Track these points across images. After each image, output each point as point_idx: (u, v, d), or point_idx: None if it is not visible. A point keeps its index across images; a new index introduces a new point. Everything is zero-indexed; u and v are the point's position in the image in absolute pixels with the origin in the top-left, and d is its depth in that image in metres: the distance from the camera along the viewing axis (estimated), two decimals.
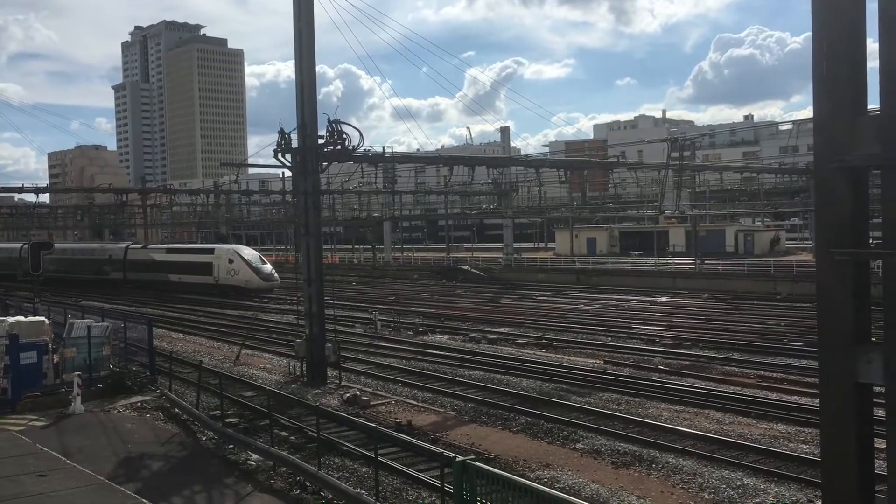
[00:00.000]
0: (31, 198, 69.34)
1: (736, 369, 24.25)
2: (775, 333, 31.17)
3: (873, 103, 7.15)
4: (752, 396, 20.21)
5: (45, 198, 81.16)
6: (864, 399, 7.14)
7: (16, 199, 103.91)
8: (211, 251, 55.83)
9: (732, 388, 21.41)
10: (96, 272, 63.03)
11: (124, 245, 64.18)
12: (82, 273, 63.69)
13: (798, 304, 39.42)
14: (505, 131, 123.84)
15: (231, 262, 51.97)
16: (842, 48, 7.01)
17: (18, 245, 68.69)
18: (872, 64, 7.25)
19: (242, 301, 48.70)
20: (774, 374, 23.23)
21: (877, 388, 7.25)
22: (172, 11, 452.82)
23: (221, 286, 52.58)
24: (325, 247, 29.90)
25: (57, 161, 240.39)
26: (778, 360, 25.51)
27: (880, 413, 7.28)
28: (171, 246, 63.78)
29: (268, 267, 53.36)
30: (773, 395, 20.39)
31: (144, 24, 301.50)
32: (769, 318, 35.76)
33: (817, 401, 8.04)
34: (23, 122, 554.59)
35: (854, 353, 7.02)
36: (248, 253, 54.43)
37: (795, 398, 19.88)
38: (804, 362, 24.45)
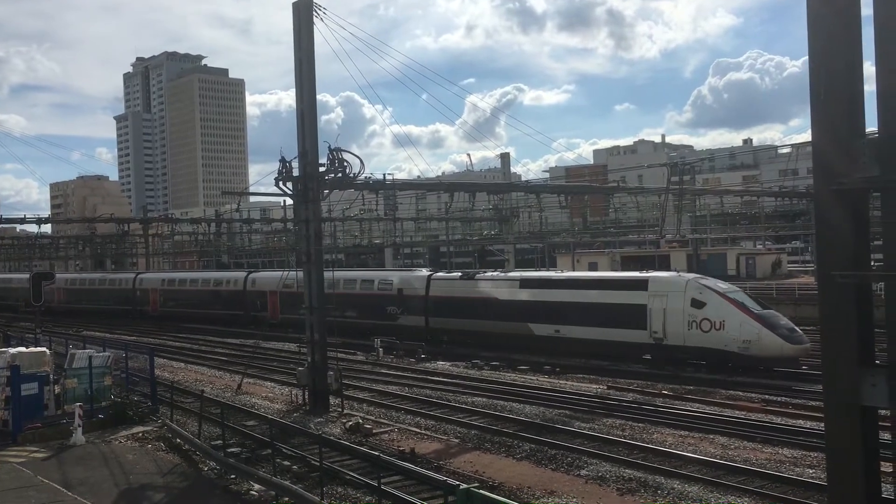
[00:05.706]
0: (33, 228, 68.08)
1: (740, 393, 24.15)
2: None
3: (871, 125, 7.18)
4: (758, 421, 20.11)
5: (46, 228, 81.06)
6: (870, 422, 7.10)
7: (17, 229, 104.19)
8: (643, 284, 30.32)
9: (737, 412, 21.30)
10: (375, 315, 40.47)
11: (425, 274, 40.54)
12: (352, 315, 40.14)
13: (801, 328, 39.17)
14: (505, 157, 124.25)
15: (700, 304, 28.17)
16: (839, 73, 7.07)
17: (243, 274, 52.72)
18: (869, 88, 7.28)
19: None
20: (779, 398, 23.13)
21: (882, 412, 7.20)
22: (175, 43, 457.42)
23: (671, 348, 28.96)
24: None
25: (59, 192, 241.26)
26: (783, 383, 25.40)
27: (886, 437, 7.23)
28: (526, 276, 37.52)
29: (782, 317, 29.06)
30: (779, 420, 20.29)
31: (147, 56, 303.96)
32: None
33: (823, 425, 7.98)
34: (25, 154, 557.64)
35: (858, 377, 6.99)
36: (725, 287, 29.98)
37: (801, 422, 19.77)
38: (809, 386, 24.37)
